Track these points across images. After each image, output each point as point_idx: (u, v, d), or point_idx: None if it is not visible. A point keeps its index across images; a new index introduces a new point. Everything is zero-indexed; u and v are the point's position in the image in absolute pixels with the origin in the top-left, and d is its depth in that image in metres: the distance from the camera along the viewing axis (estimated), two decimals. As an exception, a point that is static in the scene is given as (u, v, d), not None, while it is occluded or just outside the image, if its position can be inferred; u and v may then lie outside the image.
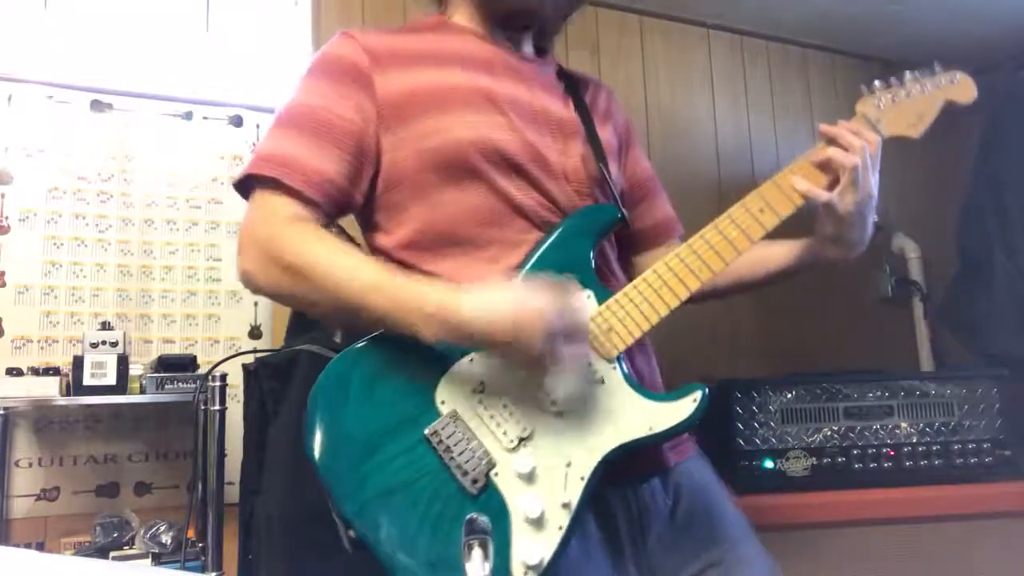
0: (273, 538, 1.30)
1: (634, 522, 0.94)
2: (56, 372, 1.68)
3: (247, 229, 0.90)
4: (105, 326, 1.80)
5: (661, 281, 0.91)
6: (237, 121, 2.07)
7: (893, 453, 1.94)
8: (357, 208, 0.97)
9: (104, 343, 1.67)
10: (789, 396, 1.96)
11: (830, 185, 0.96)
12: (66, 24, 1.92)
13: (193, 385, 1.65)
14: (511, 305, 0.78)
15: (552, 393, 0.83)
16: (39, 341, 1.82)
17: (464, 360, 0.85)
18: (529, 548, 0.78)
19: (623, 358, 0.89)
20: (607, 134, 1.07)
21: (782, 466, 1.91)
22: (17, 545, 1.70)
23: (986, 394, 2.01)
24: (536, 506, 0.79)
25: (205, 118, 2.04)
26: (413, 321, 0.80)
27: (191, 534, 1.64)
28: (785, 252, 1.06)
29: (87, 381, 1.63)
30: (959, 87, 1.06)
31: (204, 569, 1.59)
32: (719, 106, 2.73)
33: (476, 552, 0.59)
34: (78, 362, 1.64)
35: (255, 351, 1.71)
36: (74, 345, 1.81)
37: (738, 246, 0.93)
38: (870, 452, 1.93)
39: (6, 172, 1.84)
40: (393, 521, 0.78)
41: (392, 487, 0.79)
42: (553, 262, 0.91)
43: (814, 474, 1.92)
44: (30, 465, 1.77)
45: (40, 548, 1.72)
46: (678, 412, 0.85)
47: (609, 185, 1.03)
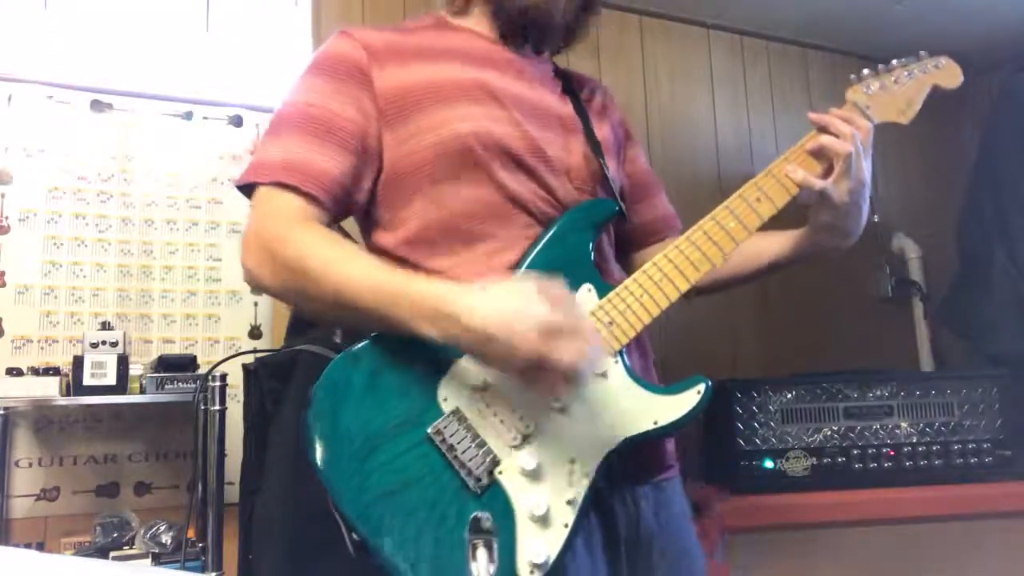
0: (273, 538, 1.30)
1: (632, 527, 0.93)
2: (56, 372, 1.68)
3: (253, 227, 0.90)
4: (105, 326, 1.80)
5: (662, 274, 0.91)
6: (237, 121, 2.07)
7: (893, 453, 1.94)
8: (360, 207, 0.97)
9: (104, 343, 1.67)
10: (789, 396, 1.96)
11: (824, 173, 0.96)
12: (66, 24, 1.92)
13: (193, 385, 1.65)
14: (512, 294, 0.77)
15: (559, 394, 0.81)
16: (39, 341, 1.82)
17: (466, 358, 0.84)
18: (535, 546, 0.77)
19: (624, 352, 0.89)
20: (604, 132, 1.08)
21: (782, 466, 1.92)
22: (17, 545, 1.70)
23: (986, 394, 2.01)
24: (541, 503, 0.78)
25: (205, 118, 2.04)
26: (418, 324, 0.79)
27: (191, 534, 1.64)
28: (782, 243, 1.06)
29: (87, 381, 1.63)
30: (944, 72, 1.07)
31: (204, 569, 1.59)
32: (719, 106, 2.73)
33: (481, 552, 0.59)
34: (78, 362, 1.63)
35: (255, 351, 1.70)
36: (74, 345, 1.81)
37: (736, 237, 0.93)
38: (870, 452, 1.94)
39: (6, 172, 1.84)
40: (396, 522, 0.76)
41: (395, 487, 0.78)
42: (553, 256, 0.91)
43: (814, 474, 1.92)
44: (30, 465, 1.77)
45: (40, 548, 1.72)
46: (682, 405, 0.85)
47: (606, 180, 1.03)
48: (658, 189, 1.20)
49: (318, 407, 0.82)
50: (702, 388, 0.85)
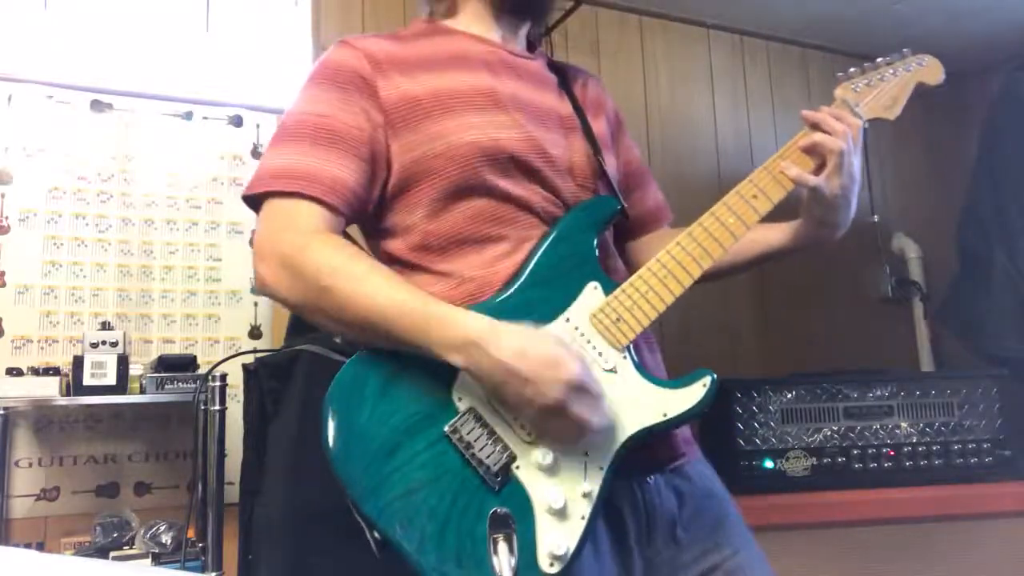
0: (273, 538, 1.30)
1: (641, 521, 0.94)
2: (56, 372, 1.69)
3: (268, 238, 0.88)
4: (105, 326, 1.80)
5: (665, 270, 0.93)
6: (237, 121, 2.07)
7: (893, 453, 1.94)
8: (368, 215, 0.97)
9: (104, 343, 1.67)
10: (789, 396, 1.96)
11: (816, 170, 0.99)
12: (66, 24, 1.92)
13: (193, 385, 1.65)
14: (550, 347, 0.80)
15: (545, 436, 0.83)
16: (39, 341, 1.82)
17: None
18: (554, 538, 0.79)
19: (632, 347, 0.90)
20: (600, 126, 1.09)
21: (782, 466, 1.92)
22: (17, 545, 1.70)
23: (986, 394, 2.01)
24: (559, 497, 0.80)
25: (205, 118, 2.04)
26: (437, 341, 0.80)
27: (191, 534, 1.64)
28: (775, 235, 1.08)
29: (87, 381, 1.63)
30: (928, 69, 1.10)
31: (204, 569, 1.59)
32: (719, 105, 2.74)
33: (502, 546, 0.60)
34: (78, 362, 1.64)
35: (255, 351, 1.71)
36: (74, 345, 1.81)
37: (735, 232, 0.96)
38: (870, 452, 1.94)
39: (6, 172, 1.84)
40: (418, 519, 0.78)
41: (415, 485, 0.79)
42: (559, 255, 0.93)
43: (814, 474, 1.92)
44: (30, 465, 1.77)
45: (40, 548, 1.72)
46: (689, 397, 0.87)
47: (606, 178, 1.04)
48: (649, 179, 1.22)
49: (334, 407, 0.82)
50: (708, 381, 0.88)
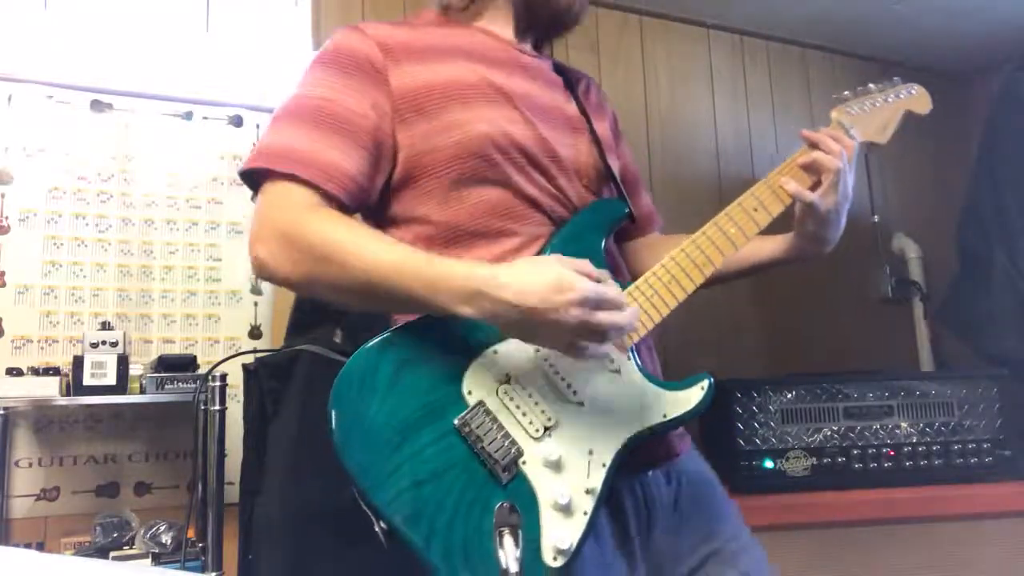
0: (273, 538, 1.30)
1: (641, 513, 0.96)
2: (56, 372, 1.68)
3: (264, 215, 0.87)
4: (105, 326, 1.80)
5: (670, 275, 0.96)
6: (237, 121, 2.07)
7: (893, 453, 1.94)
8: (372, 205, 0.96)
9: (104, 343, 1.67)
10: (789, 396, 1.96)
11: (813, 186, 1.03)
12: (66, 24, 1.92)
13: (193, 385, 1.65)
14: (550, 271, 0.80)
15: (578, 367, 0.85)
16: (39, 341, 1.82)
17: (489, 351, 0.86)
18: (559, 533, 0.80)
19: (634, 349, 0.93)
20: (603, 129, 1.09)
21: (782, 466, 1.92)
22: (17, 545, 1.70)
23: (986, 394, 2.01)
24: (564, 493, 0.82)
25: (205, 118, 2.04)
26: (444, 297, 0.80)
27: (191, 534, 1.64)
28: (769, 247, 1.11)
29: (87, 381, 1.63)
30: (916, 99, 1.16)
31: (204, 569, 1.59)
32: (719, 106, 2.73)
33: (508, 540, 0.62)
34: (78, 362, 1.63)
35: (255, 351, 1.71)
36: (74, 345, 1.81)
37: (736, 242, 1.00)
38: (870, 452, 1.94)
39: (6, 172, 1.84)
40: (425, 511, 0.79)
41: (423, 477, 0.80)
42: (568, 255, 0.92)
43: (814, 474, 1.92)
44: (30, 465, 1.77)
45: (40, 548, 1.72)
46: (688, 399, 0.90)
47: (615, 180, 1.06)
48: (641, 185, 1.23)
49: (343, 398, 0.82)
50: (706, 384, 0.91)
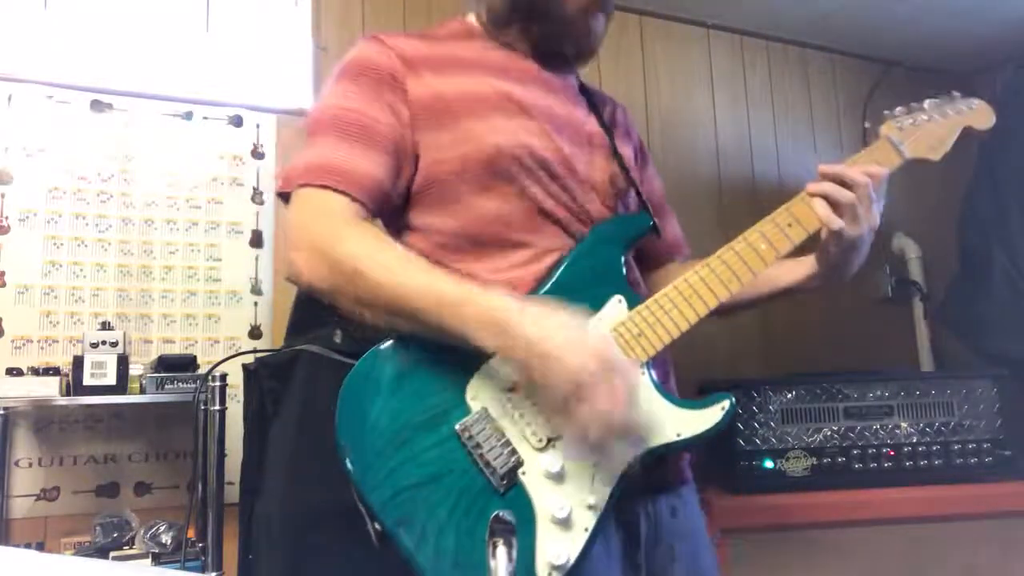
0: (273, 538, 1.30)
1: (651, 537, 0.94)
2: (56, 372, 1.68)
3: (302, 225, 0.89)
4: (105, 326, 1.80)
5: (692, 290, 0.92)
6: (237, 121, 2.07)
7: (893, 453, 1.94)
8: (391, 211, 0.98)
9: (104, 343, 1.67)
10: (789, 396, 1.96)
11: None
12: (66, 24, 1.92)
13: (193, 385, 1.65)
14: (577, 323, 0.79)
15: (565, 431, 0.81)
16: (39, 341, 1.82)
17: (495, 359, 0.85)
18: (555, 548, 0.78)
19: (650, 364, 0.90)
20: (627, 151, 1.09)
21: (782, 466, 1.91)
22: (17, 545, 1.70)
23: (986, 394, 2.01)
24: (564, 506, 0.80)
25: (205, 118, 2.04)
26: (480, 336, 0.79)
27: (191, 534, 1.64)
28: (792, 272, 1.08)
29: (87, 381, 1.62)
30: (977, 113, 1.10)
31: (204, 569, 1.59)
32: (719, 106, 2.73)
33: (500, 550, 0.60)
34: (78, 362, 1.63)
35: (255, 351, 1.71)
36: (74, 345, 1.81)
37: (766, 259, 0.95)
38: (870, 452, 1.94)
39: (6, 172, 1.84)
40: (419, 515, 0.78)
41: (420, 481, 0.79)
42: (586, 267, 0.93)
43: (814, 474, 1.92)
44: (30, 465, 1.77)
45: (40, 548, 1.72)
46: (706, 419, 0.87)
47: (639, 196, 1.05)
48: (669, 213, 1.21)
49: (348, 399, 0.82)
50: (726, 405, 0.87)
